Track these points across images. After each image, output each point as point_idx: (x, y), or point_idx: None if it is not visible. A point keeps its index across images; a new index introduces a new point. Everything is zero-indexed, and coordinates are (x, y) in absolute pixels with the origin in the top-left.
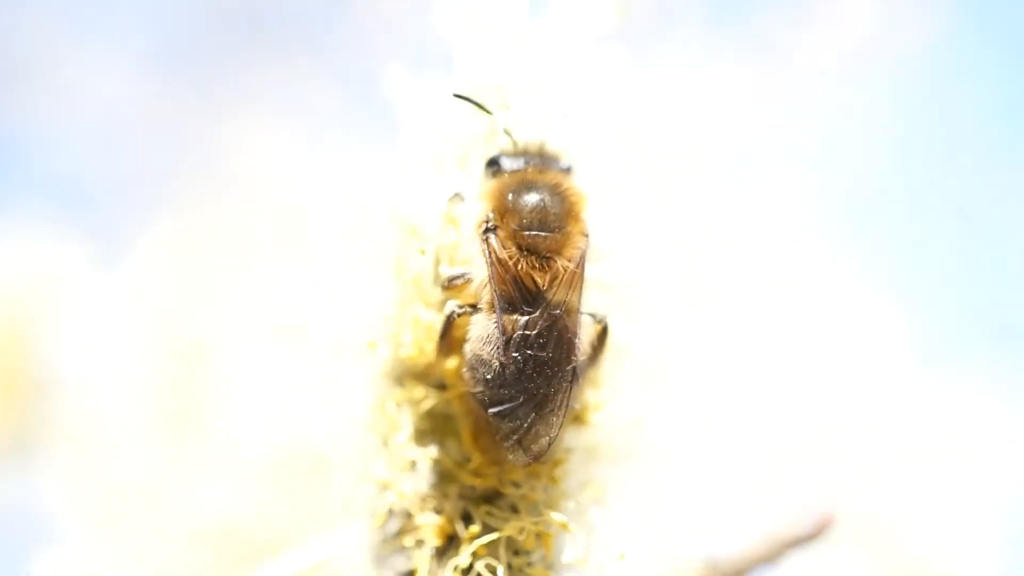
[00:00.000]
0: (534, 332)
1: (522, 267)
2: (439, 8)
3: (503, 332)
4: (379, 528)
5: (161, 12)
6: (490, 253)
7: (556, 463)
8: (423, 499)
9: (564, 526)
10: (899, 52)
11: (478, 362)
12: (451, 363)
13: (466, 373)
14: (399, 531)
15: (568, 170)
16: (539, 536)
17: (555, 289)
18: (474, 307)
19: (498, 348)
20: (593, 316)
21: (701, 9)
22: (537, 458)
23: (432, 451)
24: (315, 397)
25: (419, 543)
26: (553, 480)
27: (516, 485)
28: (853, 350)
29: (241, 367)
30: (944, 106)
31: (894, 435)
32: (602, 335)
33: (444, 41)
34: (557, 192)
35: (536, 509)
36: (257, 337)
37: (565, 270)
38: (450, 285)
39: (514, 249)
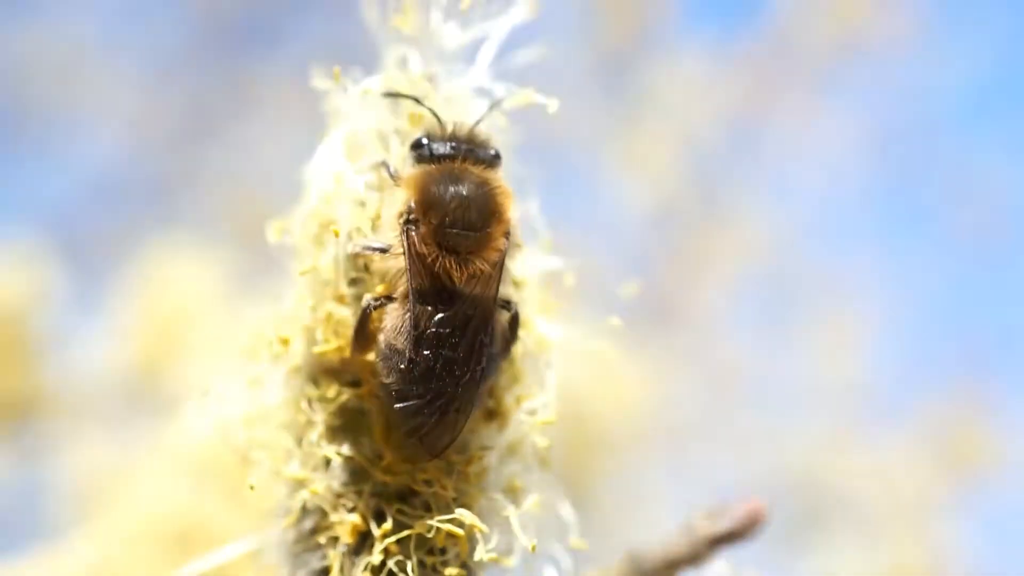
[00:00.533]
0: (447, 331)
1: (440, 265)
2: (365, 6)
3: (415, 327)
4: (294, 526)
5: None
6: (409, 246)
7: (470, 460)
8: (336, 497)
9: (474, 525)
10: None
11: (391, 351)
12: (366, 357)
13: (379, 363)
14: (313, 529)
15: (496, 159)
16: (451, 535)
17: (472, 288)
18: (389, 298)
19: (410, 342)
20: (505, 305)
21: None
22: (436, 456)
23: (345, 449)
24: (233, 394)
25: (333, 541)
26: (467, 478)
27: (428, 483)
28: None
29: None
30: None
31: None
32: (512, 323)
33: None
34: (483, 189)
35: (448, 507)
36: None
37: (483, 271)
38: (363, 253)
39: (434, 246)
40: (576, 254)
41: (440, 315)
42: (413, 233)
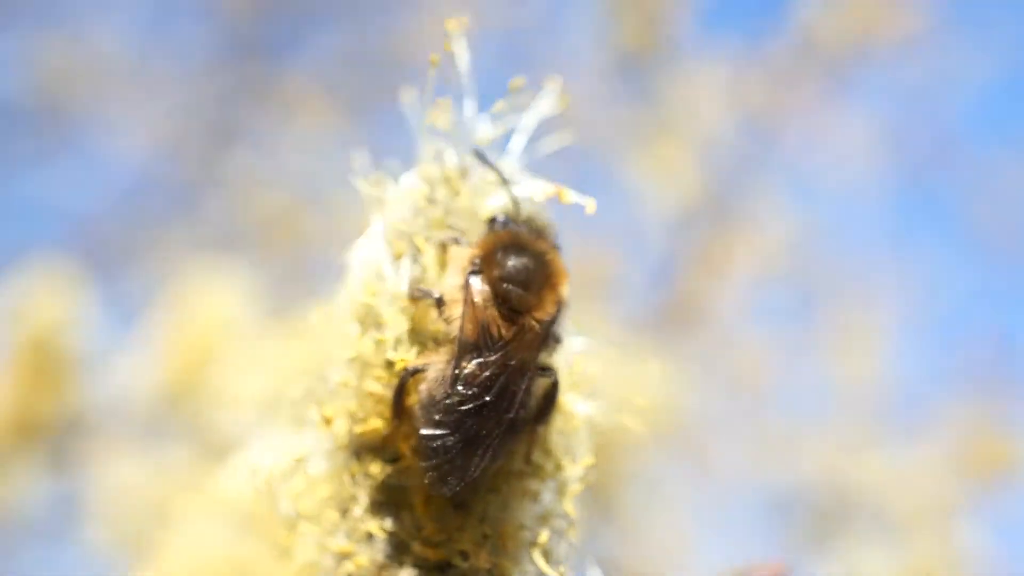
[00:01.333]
0: (484, 374)
1: (489, 313)
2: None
3: (455, 367)
4: None
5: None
6: (467, 293)
7: (506, 536)
8: (379, 568)
9: None
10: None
11: (431, 401)
12: (403, 425)
13: (418, 415)
14: None
15: (557, 247)
16: None
17: (516, 343)
18: (425, 368)
19: (447, 381)
20: (544, 372)
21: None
22: (449, 492)
23: (388, 523)
24: (279, 466)
25: None
26: (502, 550)
27: (464, 556)
28: None
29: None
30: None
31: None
32: (552, 391)
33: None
34: (542, 260)
35: None
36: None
37: (530, 329)
38: (413, 296)
39: (489, 295)
40: (599, 257)
41: (479, 359)
42: (473, 280)
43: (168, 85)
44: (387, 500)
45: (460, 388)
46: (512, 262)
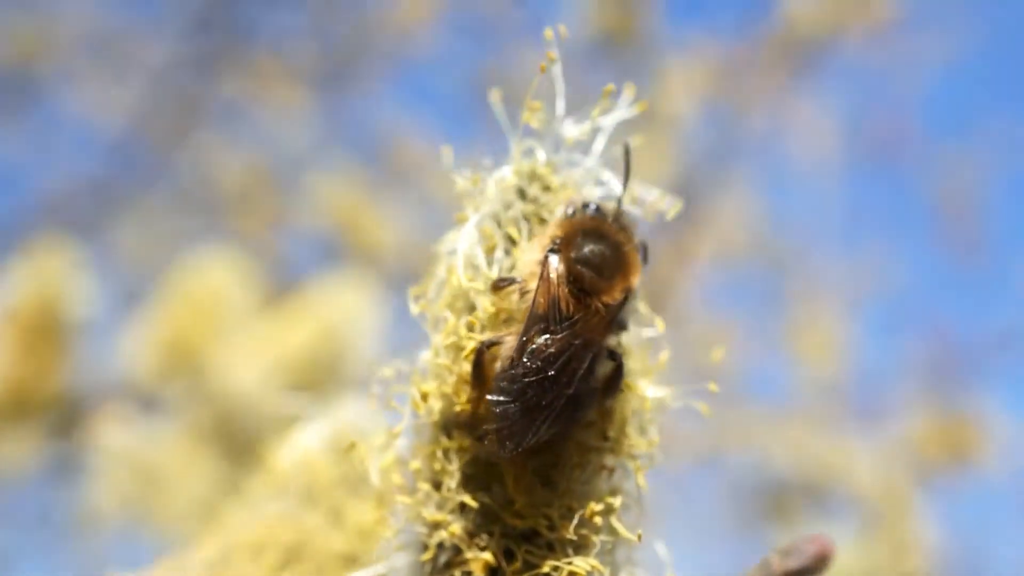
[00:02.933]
0: (549, 349)
1: (563, 291)
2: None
3: (524, 338)
4: (430, 560)
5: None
6: (545, 269)
7: (593, 511)
8: (470, 536)
9: (595, 566)
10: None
11: (499, 371)
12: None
13: (495, 389)
14: (448, 563)
15: (637, 243)
16: (573, 573)
17: (583, 323)
18: (499, 341)
19: (516, 350)
20: (611, 355)
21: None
22: (507, 455)
23: (479, 495)
24: (372, 440)
25: (466, 575)
26: (585, 523)
27: (551, 528)
28: None
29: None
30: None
31: None
32: (616, 373)
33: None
34: (619, 250)
35: (568, 549)
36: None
37: (597, 311)
38: (497, 288)
39: (563, 273)
40: None
41: (547, 334)
42: (551, 258)
43: (138, 58)
44: (478, 474)
45: (526, 360)
46: (590, 246)
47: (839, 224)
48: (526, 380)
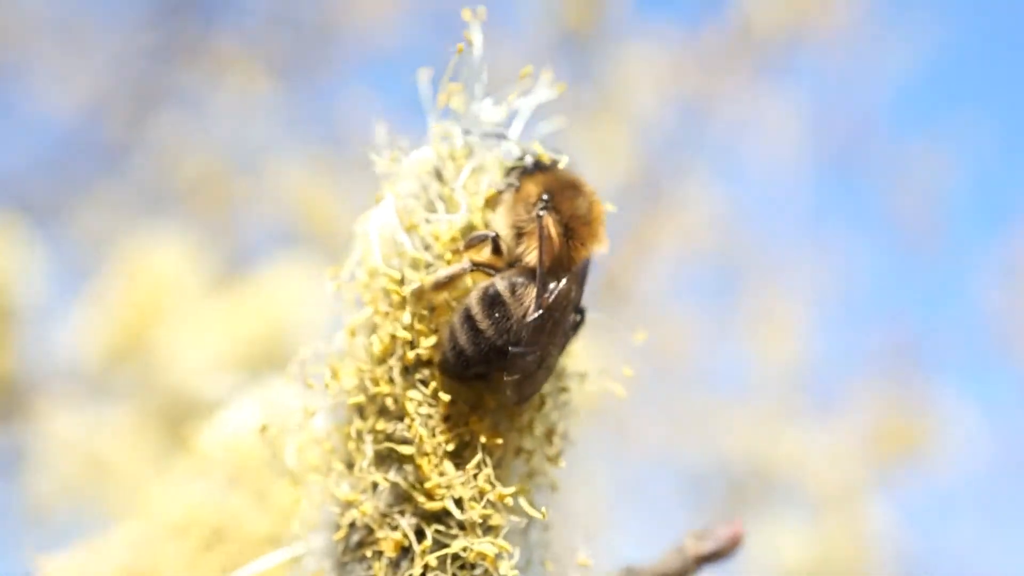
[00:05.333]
0: (559, 301)
1: (564, 247)
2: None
3: (543, 292)
4: (342, 539)
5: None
6: (542, 226)
7: (501, 495)
8: (382, 516)
9: (503, 547)
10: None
11: (496, 303)
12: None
13: (479, 308)
14: (360, 542)
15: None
16: (481, 553)
17: (573, 274)
18: (490, 267)
19: (532, 302)
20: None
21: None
22: (521, 403)
23: (392, 475)
24: (286, 420)
25: (378, 554)
26: (494, 504)
27: (461, 507)
28: None
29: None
30: None
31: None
32: (577, 325)
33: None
34: (593, 200)
35: (477, 528)
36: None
37: (585, 259)
38: (470, 245)
39: (561, 230)
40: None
41: (558, 286)
42: (547, 216)
43: (97, 43)
44: (390, 454)
45: (544, 313)
46: (579, 201)
47: (798, 218)
48: (544, 330)
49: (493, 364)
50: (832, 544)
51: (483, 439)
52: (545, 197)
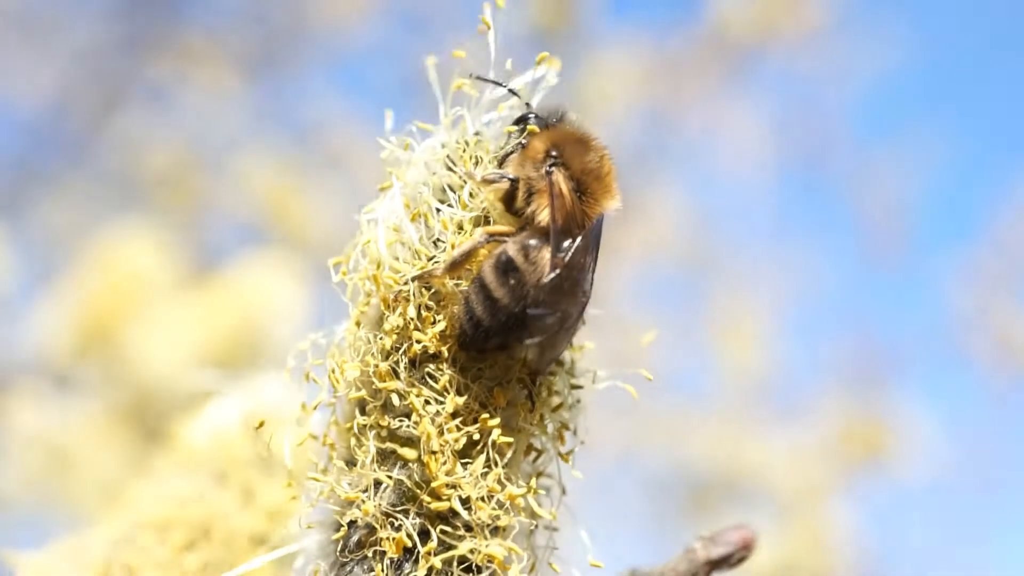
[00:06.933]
0: (576, 259)
1: (576, 204)
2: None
3: (559, 250)
4: (342, 539)
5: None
6: (553, 183)
7: (512, 495)
8: (384, 516)
9: (513, 550)
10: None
11: (510, 269)
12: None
13: (493, 276)
14: (360, 542)
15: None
16: (489, 556)
17: (587, 231)
18: (504, 236)
19: (546, 264)
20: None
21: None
22: (543, 370)
23: (395, 472)
24: (284, 415)
25: (380, 555)
26: (503, 504)
27: (468, 508)
28: None
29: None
30: None
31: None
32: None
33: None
34: (603, 154)
35: (487, 531)
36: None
37: (599, 217)
38: (487, 180)
39: (573, 186)
40: None
41: (574, 244)
42: (557, 173)
43: (63, 36)
44: (394, 452)
45: (562, 273)
46: (589, 156)
47: (764, 224)
48: (562, 290)
49: (512, 333)
50: (795, 548)
51: (494, 437)
52: (554, 154)
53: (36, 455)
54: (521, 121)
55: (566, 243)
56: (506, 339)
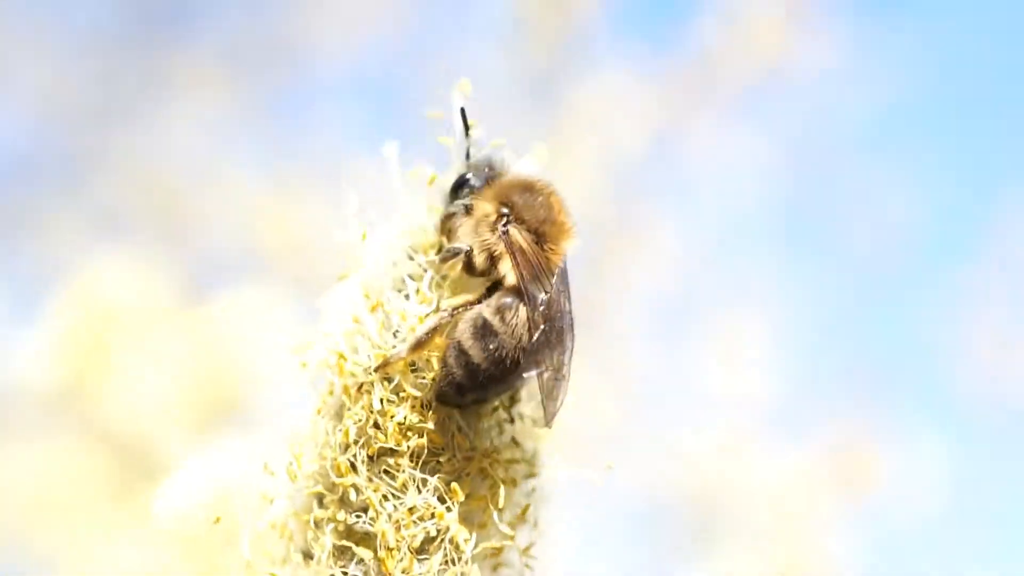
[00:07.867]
0: (552, 309)
1: (539, 254)
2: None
3: (536, 306)
4: None
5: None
6: (511, 241)
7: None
8: None
9: None
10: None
11: (488, 334)
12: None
13: (472, 342)
14: None
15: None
16: None
17: (558, 272)
18: (465, 306)
19: (524, 323)
20: None
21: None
22: (550, 421)
23: (351, 569)
24: (242, 504)
25: None
26: None
27: None
28: None
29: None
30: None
31: None
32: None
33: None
34: (548, 191)
35: None
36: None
37: (563, 255)
38: (444, 259)
39: (532, 238)
40: None
41: (545, 295)
42: (513, 231)
43: (52, 56)
44: (351, 546)
45: (543, 326)
46: (537, 201)
47: (760, 249)
48: (551, 340)
49: (490, 388)
50: (788, 573)
51: (452, 533)
52: (504, 212)
53: (11, 498)
54: (460, 185)
55: (541, 296)
56: (484, 394)
